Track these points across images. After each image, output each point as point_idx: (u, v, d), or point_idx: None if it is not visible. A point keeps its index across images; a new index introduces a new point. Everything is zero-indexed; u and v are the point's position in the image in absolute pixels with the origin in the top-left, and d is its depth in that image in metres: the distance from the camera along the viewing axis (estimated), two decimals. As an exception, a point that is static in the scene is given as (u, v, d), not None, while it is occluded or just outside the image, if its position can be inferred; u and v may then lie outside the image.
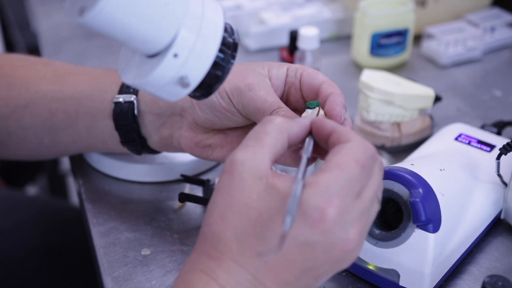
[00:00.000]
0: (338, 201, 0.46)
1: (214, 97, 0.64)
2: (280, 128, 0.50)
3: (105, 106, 0.70)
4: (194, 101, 0.66)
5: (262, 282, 0.46)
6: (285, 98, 0.65)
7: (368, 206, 0.48)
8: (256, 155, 0.48)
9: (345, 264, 0.48)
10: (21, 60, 0.77)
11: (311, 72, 0.64)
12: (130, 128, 0.69)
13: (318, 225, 0.45)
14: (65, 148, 0.75)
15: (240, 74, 0.64)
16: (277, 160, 0.50)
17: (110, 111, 0.70)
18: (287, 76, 0.65)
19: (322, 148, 0.52)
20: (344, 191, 0.46)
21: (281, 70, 0.65)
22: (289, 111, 0.61)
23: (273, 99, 0.62)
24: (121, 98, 0.69)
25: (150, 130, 0.70)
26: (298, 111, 0.63)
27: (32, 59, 0.77)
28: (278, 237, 0.45)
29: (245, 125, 0.67)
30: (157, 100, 0.68)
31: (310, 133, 0.52)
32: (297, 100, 0.65)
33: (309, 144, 0.51)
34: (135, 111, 0.69)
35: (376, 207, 0.50)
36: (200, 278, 0.47)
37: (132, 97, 0.69)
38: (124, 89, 0.70)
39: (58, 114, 0.71)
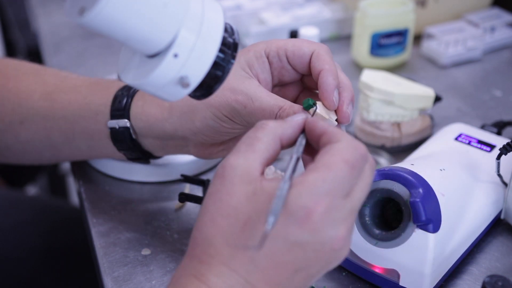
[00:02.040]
0: (325, 201, 0.45)
1: (217, 124, 0.62)
2: (273, 132, 0.49)
3: (100, 128, 0.69)
4: (196, 130, 0.64)
5: (254, 284, 0.46)
6: (279, 81, 0.63)
7: (357, 205, 0.48)
8: (247, 161, 0.48)
9: (335, 263, 0.48)
10: (14, 68, 0.75)
11: (294, 48, 0.60)
12: (131, 149, 0.70)
13: (306, 224, 0.45)
14: (68, 158, 0.76)
15: (229, 92, 0.60)
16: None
17: (107, 133, 0.69)
18: (271, 64, 0.62)
19: (314, 149, 0.51)
20: (331, 191, 0.46)
21: (261, 60, 0.61)
22: (291, 106, 0.58)
23: (271, 103, 0.58)
24: (116, 124, 0.68)
25: (153, 149, 0.70)
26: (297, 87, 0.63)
27: (25, 67, 0.76)
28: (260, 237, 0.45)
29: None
30: (151, 127, 0.67)
31: (303, 131, 0.51)
32: (292, 76, 0.62)
33: (300, 144, 0.51)
34: (133, 135, 0.68)
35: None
36: (192, 282, 0.47)
37: (127, 122, 0.67)
38: (114, 111, 0.68)
39: (53, 132, 0.71)
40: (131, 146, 0.69)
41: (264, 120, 0.50)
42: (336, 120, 0.58)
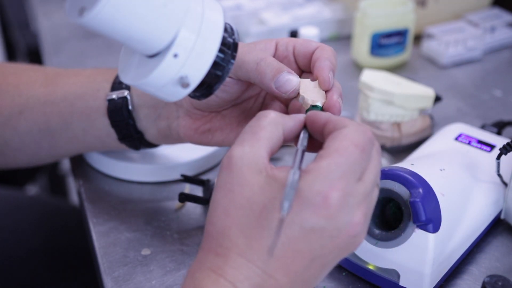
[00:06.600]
0: (340, 185, 0.46)
1: None
2: (275, 122, 0.50)
3: (98, 104, 0.70)
4: None
5: (271, 274, 0.46)
6: None
7: (370, 189, 0.48)
8: (253, 149, 0.48)
9: (351, 249, 0.48)
10: (12, 67, 0.77)
11: (303, 41, 0.63)
12: (126, 123, 0.69)
13: (322, 210, 0.45)
14: (64, 150, 0.75)
15: None
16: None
17: (104, 109, 0.70)
18: (276, 49, 0.63)
19: (317, 142, 0.52)
20: (345, 175, 0.46)
21: (269, 44, 0.63)
22: (275, 60, 0.59)
23: (257, 52, 0.60)
24: (114, 95, 0.69)
25: (146, 123, 0.70)
26: None
27: (23, 66, 0.77)
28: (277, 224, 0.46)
29: (241, 100, 0.66)
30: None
31: (304, 126, 0.52)
32: (292, 69, 0.63)
33: (303, 137, 0.51)
34: (129, 106, 0.69)
35: (376, 192, 0.50)
36: (208, 276, 0.47)
37: (125, 92, 0.69)
38: (116, 85, 0.70)
39: (52, 117, 0.71)
40: (125, 119, 0.69)
41: (265, 110, 0.51)
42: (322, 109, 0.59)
